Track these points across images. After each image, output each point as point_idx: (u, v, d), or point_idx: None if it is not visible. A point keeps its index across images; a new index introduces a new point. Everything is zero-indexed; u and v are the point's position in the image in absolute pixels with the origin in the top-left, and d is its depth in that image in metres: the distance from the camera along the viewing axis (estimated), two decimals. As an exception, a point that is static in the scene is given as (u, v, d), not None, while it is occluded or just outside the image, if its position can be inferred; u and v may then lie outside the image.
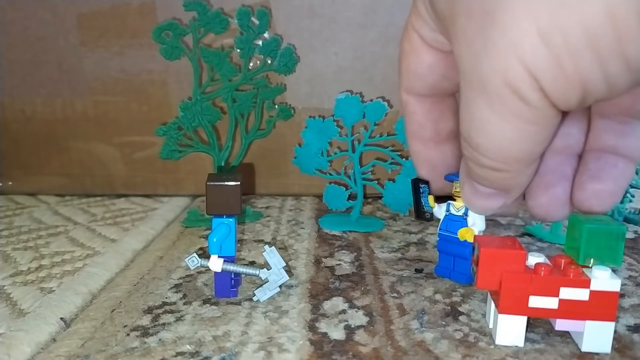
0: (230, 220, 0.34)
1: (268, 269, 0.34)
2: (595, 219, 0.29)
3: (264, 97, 0.53)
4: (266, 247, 0.34)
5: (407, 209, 0.51)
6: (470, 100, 0.19)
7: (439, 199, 0.39)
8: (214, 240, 0.33)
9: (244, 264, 0.37)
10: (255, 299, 0.34)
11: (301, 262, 0.41)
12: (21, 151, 0.61)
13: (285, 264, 0.34)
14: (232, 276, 0.34)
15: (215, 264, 0.33)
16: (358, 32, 0.57)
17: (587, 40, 0.16)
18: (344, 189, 0.52)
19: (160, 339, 0.29)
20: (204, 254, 0.37)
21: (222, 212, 0.34)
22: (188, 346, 0.29)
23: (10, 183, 0.62)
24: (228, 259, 0.34)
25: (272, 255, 0.34)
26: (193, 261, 0.33)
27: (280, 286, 0.34)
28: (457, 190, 0.38)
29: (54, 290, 0.36)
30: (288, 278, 0.34)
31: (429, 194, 0.39)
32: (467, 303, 0.34)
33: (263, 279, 0.34)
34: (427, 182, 0.39)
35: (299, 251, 0.44)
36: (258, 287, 0.34)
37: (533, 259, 0.29)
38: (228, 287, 0.34)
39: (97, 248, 0.44)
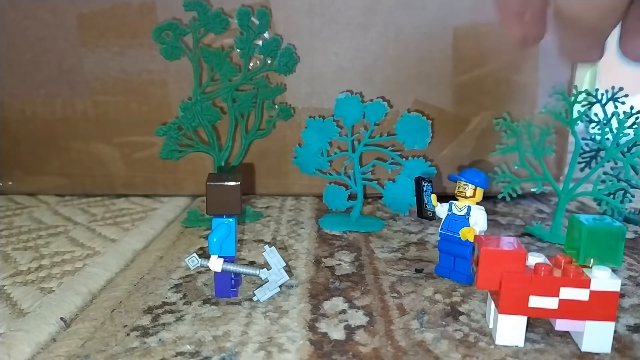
0: (230, 220, 0.34)
1: (268, 269, 0.34)
2: (595, 219, 0.29)
3: (264, 97, 0.53)
4: (266, 247, 0.34)
5: (407, 208, 0.51)
6: None
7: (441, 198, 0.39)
8: (214, 240, 0.33)
9: (244, 264, 0.37)
10: (255, 299, 0.34)
11: (301, 262, 0.41)
12: (21, 151, 0.61)
13: (285, 264, 0.34)
14: (232, 276, 0.34)
15: (215, 264, 0.33)
16: (358, 32, 0.57)
17: None
18: (344, 189, 0.52)
19: (160, 339, 0.29)
20: (204, 254, 0.37)
21: (222, 212, 0.34)
22: (188, 346, 0.29)
23: (10, 183, 0.62)
24: (228, 259, 0.34)
25: (272, 255, 0.34)
26: (193, 261, 0.33)
27: (280, 286, 0.34)
28: (460, 189, 0.38)
29: (54, 290, 0.35)
30: (288, 278, 0.34)
31: (432, 192, 0.40)
32: (467, 303, 0.34)
33: (263, 279, 0.34)
34: (430, 181, 0.39)
35: (299, 251, 0.44)
36: (258, 287, 0.34)
37: (533, 259, 0.29)
38: (228, 287, 0.34)
39: (97, 248, 0.44)
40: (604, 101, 0.48)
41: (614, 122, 0.46)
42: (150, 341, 0.29)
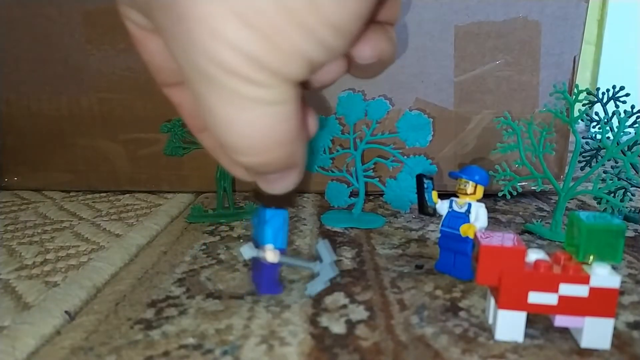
0: (283, 212, 0.33)
1: (320, 262, 0.33)
2: (595, 216, 0.30)
3: (267, 94, 0.53)
4: (320, 239, 0.33)
5: (408, 206, 0.51)
6: (203, 99, 0.18)
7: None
8: (270, 231, 0.32)
9: (297, 257, 0.36)
10: (306, 292, 0.34)
11: (303, 258, 0.42)
12: (27, 147, 0.61)
13: (335, 258, 0.33)
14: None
15: (272, 255, 0.32)
16: (361, 30, 0.57)
17: (289, 16, 0.16)
18: (346, 186, 0.53)
19: (163, 332, 0.30)
20: (208, 249, 0.37)
21: (278, 204, 0.33)
22: (191, 339, 0.29)
23: (16, 179, 0.63)
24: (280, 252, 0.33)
25: (324, 249, 0.33)
26: (247, 251, 0.32)
27: (330, 280, 0.34)
28: (461, 187, 0.38)
29: (59, 284, 0.36)
30: (338, 272, 0.33)
31: (433, 189, 0.40)
32: (467, 299, 0.35)
33: (316, 272, 0.34)
34: (431, 178, 0.40)
35: (301, 247, 0.44)
36: (309, 281, 0.34)
37: (533, 255, 0.30)
38: (276, 281, 0.34)
39: (101, 243, 0.45)
40: (604, 100, 0.49)
41: (615, 121, 0.46)
42: (153, 334, 0.30)
